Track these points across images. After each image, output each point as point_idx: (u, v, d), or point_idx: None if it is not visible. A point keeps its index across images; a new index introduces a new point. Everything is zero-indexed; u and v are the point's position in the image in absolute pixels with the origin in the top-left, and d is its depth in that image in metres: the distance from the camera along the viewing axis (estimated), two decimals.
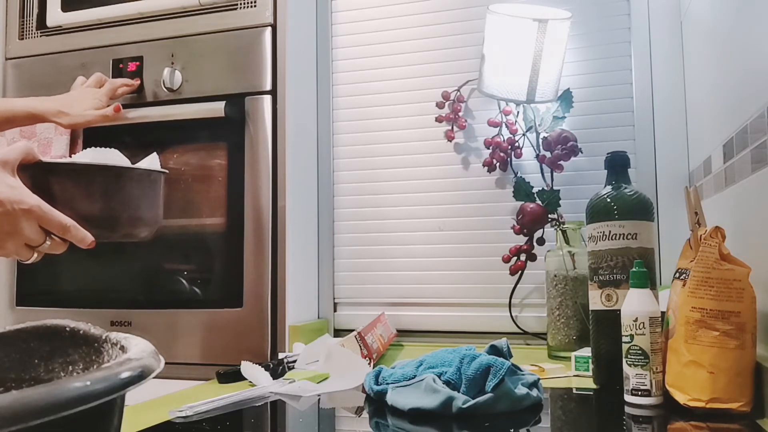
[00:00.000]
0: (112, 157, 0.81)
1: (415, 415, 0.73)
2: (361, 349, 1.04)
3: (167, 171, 0.88)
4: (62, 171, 0.77)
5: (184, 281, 1.27)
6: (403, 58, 1.48)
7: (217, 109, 1.22)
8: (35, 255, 0.74)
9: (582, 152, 1.31)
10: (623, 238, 0.87)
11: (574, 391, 0.90)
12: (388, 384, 0.80)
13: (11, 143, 1.30)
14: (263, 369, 0.97)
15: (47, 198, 0.72)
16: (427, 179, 1.45)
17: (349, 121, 1.51)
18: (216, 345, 1.22)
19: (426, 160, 1.46)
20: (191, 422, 0.75)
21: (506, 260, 1.35)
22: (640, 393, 0.76)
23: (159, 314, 1.25)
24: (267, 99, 1.25)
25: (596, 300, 0.89)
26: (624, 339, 0.78)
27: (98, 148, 0.81)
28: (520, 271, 1.35)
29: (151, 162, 0.86)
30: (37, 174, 0.75)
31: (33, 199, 0.70)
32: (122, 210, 0.80)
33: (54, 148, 1.27)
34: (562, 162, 1.31)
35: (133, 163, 0.83)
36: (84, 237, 0.75)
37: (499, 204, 1.40)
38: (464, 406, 0.71)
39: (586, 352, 0.96)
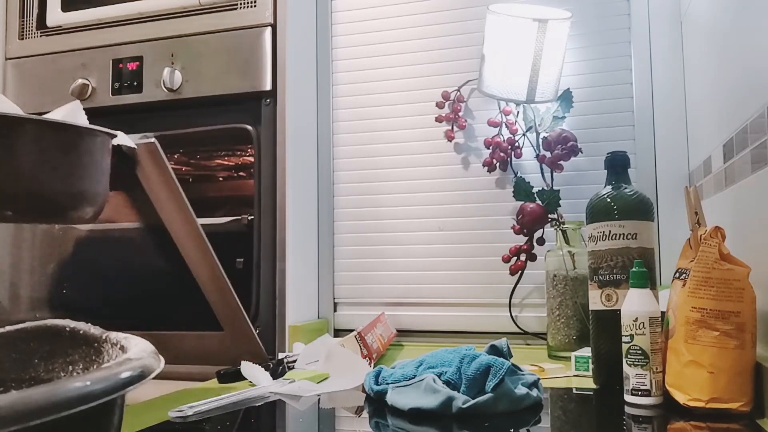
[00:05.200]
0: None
1: (415, 415, 0.73)
2: (361, 349, 1.04)
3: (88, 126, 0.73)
4: None
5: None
6: (403, 58, 1.48)
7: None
8: None
9: (582, 152, 1.31)
10: (623, 238, 0.87)
11: (574, 391, 0.90)
12: (388, 384, 0.80)
13: None
14: (263, 369, 0.97)
15: None
16: (427, 179, 1.45)
17: (349, 121, 1.51)
18: (216, 345, 1.22)
19: (426, 160, 1.45)
20: (191, 422, 0.75)
21: (506, 260, 1.35)
22: (640, 393, 0.76)
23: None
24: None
25: (596, 300, 0.89)
26: (624, 339, 0.78)
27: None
28: (520, 271, 1.35)
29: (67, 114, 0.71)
30: None
31: None
32: None
33: None
34: (562, 162, 1.30)
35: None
36: None
37: (499, 204, 1.40)
38: (464, 406, 0.71)
39: (586, 352, 0.96)
